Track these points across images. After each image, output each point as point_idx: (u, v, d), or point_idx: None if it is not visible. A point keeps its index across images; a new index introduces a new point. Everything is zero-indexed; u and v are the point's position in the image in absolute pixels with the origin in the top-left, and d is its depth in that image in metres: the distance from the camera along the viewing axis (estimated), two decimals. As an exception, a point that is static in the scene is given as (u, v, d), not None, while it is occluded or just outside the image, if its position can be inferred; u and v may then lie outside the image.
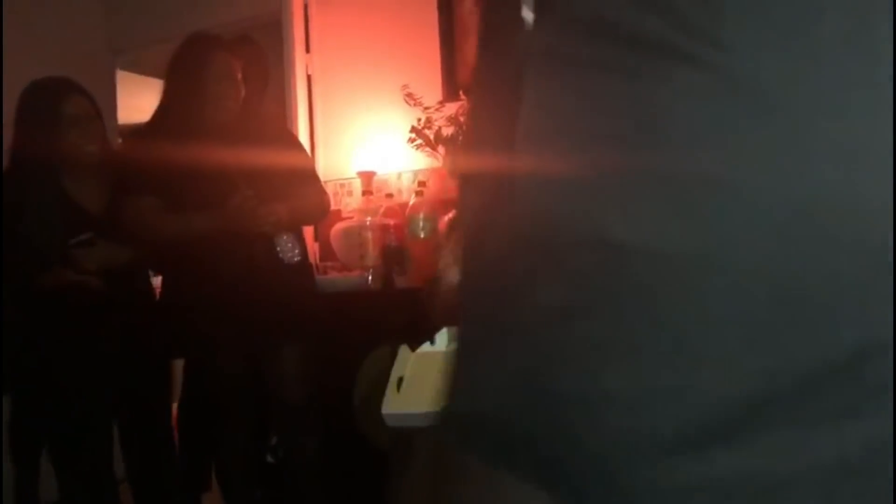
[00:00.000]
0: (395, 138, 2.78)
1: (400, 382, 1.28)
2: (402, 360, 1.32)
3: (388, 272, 2.50)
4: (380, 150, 2.84)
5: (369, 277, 2.53)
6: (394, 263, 2.51)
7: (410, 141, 2.67)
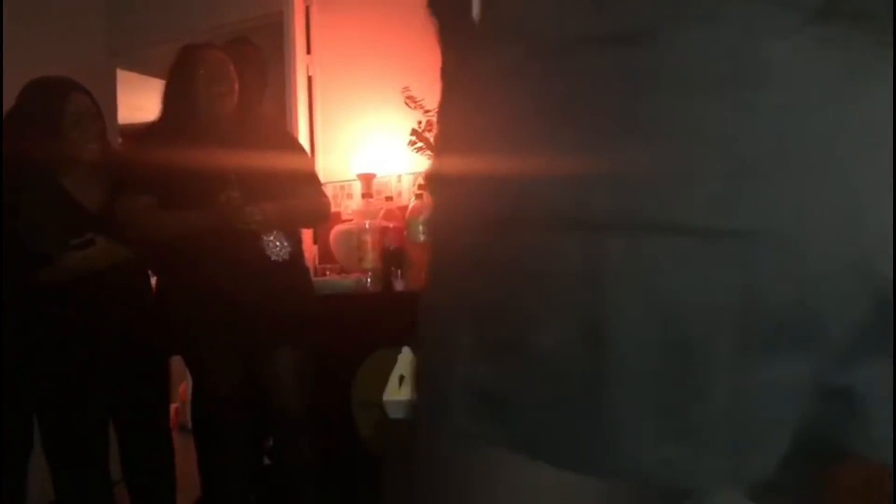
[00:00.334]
0: (396, 141, 2.78)
1: (402, 381, 1.28)
2: (405, 360, 1.32)
3: (388, 275, 2.50)
4: (380, 152, 2.84)
5: (368, 280, 2.53)
6: (393, 266, 2.51)
7: (411, 143, 2.67)
